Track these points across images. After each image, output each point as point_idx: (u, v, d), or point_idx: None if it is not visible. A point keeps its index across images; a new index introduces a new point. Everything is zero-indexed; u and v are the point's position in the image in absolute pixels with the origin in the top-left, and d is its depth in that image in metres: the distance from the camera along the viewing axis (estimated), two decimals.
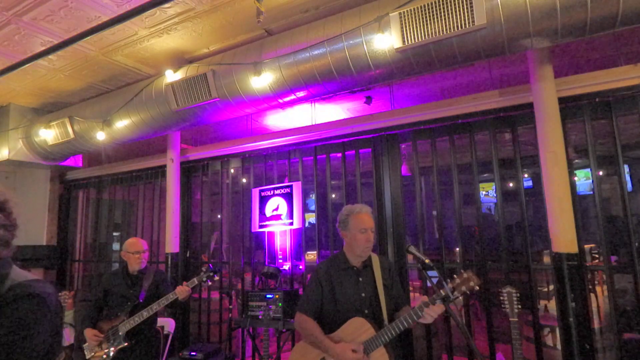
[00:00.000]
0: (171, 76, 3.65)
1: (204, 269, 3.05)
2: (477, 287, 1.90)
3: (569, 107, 3.06)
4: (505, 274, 3.21)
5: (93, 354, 2.92)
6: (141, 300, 3.00)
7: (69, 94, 4.62)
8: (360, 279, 2.21)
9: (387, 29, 2.67)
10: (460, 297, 1.97)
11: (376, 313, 2.15)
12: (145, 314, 2.91)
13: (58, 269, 5.89)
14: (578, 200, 2.99)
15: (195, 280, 3.00)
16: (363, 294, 2.17)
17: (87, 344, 2.97)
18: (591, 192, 3.14)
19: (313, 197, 4.30)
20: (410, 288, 3.77)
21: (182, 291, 2.91)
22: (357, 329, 2.06)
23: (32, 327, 1.09)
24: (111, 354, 2.88)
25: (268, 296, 3.65)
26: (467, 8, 2.40)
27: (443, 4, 2.46)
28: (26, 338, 1.07)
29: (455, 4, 2.43)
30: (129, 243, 3.14)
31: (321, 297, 2.20)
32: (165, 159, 4.94)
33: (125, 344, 2.88)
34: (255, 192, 4.36)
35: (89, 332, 2.93)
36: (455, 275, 1.95)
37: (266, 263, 4.41)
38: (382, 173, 3.78)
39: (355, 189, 3.95)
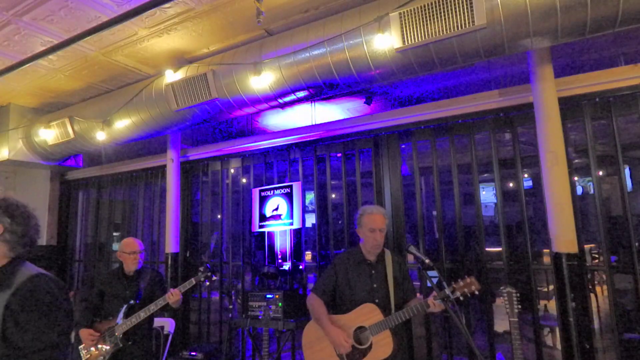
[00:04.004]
0: (171, 76, 3.65)
1: (201, 269, 3.05)
2: (477, 292, 2.13)
3: (569, 107, 3.06)
4: (505, 274, 3.21)
5: (89, 355, 2.91)
6: (138, 301, 2.99)
7: (69, 94, 4.62)
8: (373, 272, 2.48)
9: (387, 29, 2.66)
10: (461, 299, 2.16)
11: (385, 302, 2.40)
12: (142, 314, 2.90)
13: (58, 269, 5.87)
14: (578, 200, 2.98)
15: (193, 281, 2.99)
16: (375, 285, 2.44)
17: (82, 345, 2.94)
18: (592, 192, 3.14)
19: (313, 196, 4.32)
20: None
21: (171, 295, 2.89)
22: (368, 312, 2.33)
23: (54, 308, 1.35)
24: (108, 355, 2.87)
25: (268, 296, 3.65)
26: (467, 8, 2.40)
27: (443, 4, 2.46)
28: (50, 317, 1.33)
29: (455, 4, 2.43)
30: (125, 243, 3.12)
31: (334, 283, 2.51)
32: (165, 159, 4.93)
33: (122, 344, 2.87)
34: (255, 192, 4.36)
35: (84, 332, 2.90)
36: (459, 279, 2.16)
37: (266, 263, 4.40)
38: (382, 173, 3.78)
39: (355, 189, 3.95)
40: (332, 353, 2.35)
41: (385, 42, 2.70)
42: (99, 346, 2.90)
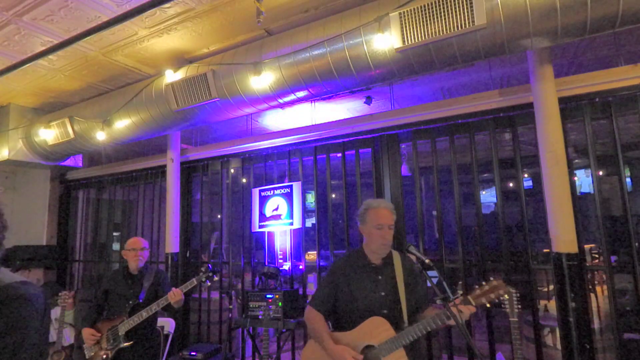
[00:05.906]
0: (171, 76, 3.65)
1: (202, 269, 3.05)
2: (506, 296, 1.79)
3: (569, 107, 3.06)
4: (505, 274, 3.21)
5: (93, 354, 2.92)
6: (141, 300, 3.00)
7: (69, 94, 4.62)
8: (380, 277, 2.14)
9: (387, 29, 2.66)
10: (488, 305, 1.86)
11: (396, 314, 2.06)
12: (144, 314, 2.91)
13: (58, 269, 5.88)
14: (578, 200, 2.98)
15: (194, 281, 3.00)
16: (383, 293, 2.10)
17: (85, 345, 2.97)
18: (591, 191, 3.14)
19: (313, 196, 4.32)
20: None
21: (173, 295, 2.90)
22: (376, 327, 1.99)
23: (21, 329, 1.11)
24: (111, 354, 2.88)
25: (268, 296, 3.65)
26: (467, 8, 2.40)
27: (443, 4, 2.46)
28: (16, 338, 1.09)
29: (455, 4, 2.43)
30: (129, 241, 3.16)
31: (334, 294, 2.16)
32: (165, 159, 4.94)
33: (125, 344, 2.88)
34: (255, 192, 4.36)
35: (86, 332, 2.94)
36: (483, 282, 1.85)
37: (266, 263, 4.40)
38: (382, 173, 3.78)
39: (355, 189, 3.95)
40: None
41: (385, 42, 2.70)
42: (102, 345, 2.92)
